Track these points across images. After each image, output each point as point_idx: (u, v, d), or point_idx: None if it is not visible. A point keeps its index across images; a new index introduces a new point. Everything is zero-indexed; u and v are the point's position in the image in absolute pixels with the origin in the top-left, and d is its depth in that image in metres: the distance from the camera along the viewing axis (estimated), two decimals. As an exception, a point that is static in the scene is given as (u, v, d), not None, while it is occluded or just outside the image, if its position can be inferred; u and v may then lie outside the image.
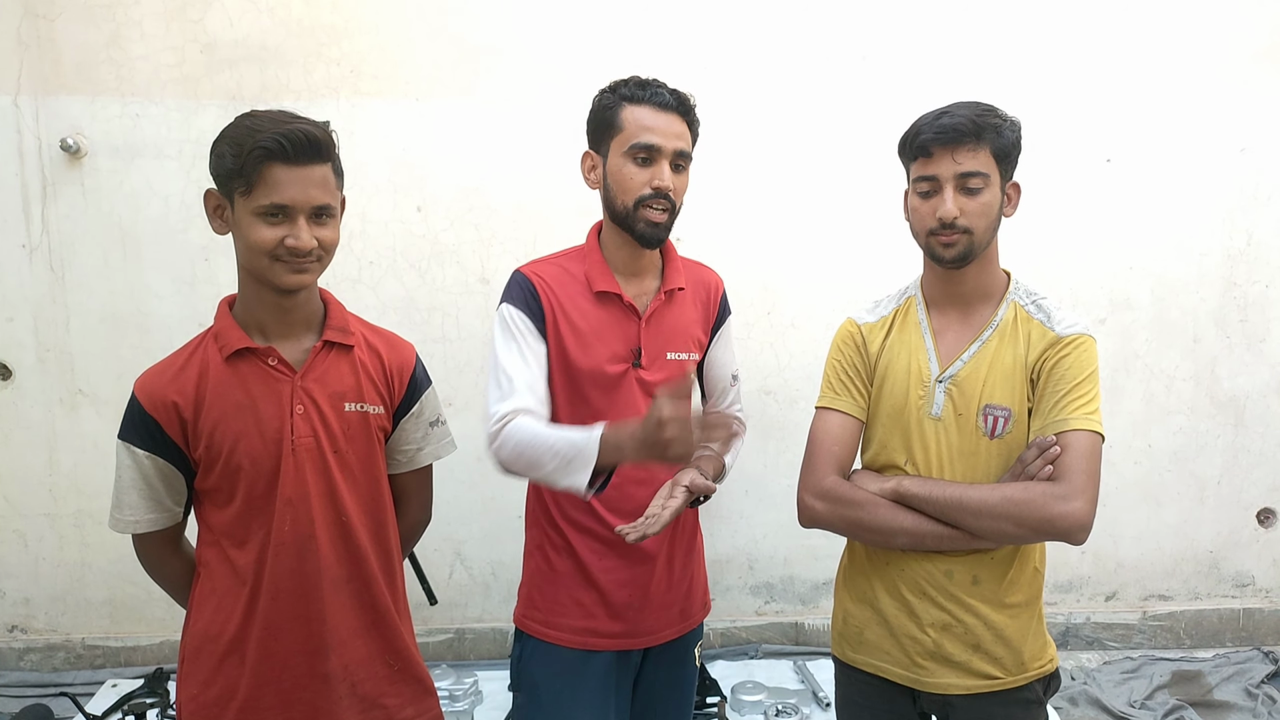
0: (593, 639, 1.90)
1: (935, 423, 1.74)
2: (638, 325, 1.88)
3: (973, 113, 1.66)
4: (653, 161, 1.80)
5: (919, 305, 1.83)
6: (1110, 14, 3.28)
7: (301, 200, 1.49)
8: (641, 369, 1.87)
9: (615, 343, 1.87)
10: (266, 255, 1.50)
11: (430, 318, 3.30)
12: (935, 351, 1.77)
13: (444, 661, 3.27)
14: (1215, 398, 3.52)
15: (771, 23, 3.22)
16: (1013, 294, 1.77)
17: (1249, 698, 3.20)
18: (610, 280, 1.88)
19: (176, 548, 1.69)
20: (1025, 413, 1.70)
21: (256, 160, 1.46)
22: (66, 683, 3.24)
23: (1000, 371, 1.71)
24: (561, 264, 1.93)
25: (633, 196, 1.80)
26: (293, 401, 1.57)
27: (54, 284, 3.20)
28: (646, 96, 1.80)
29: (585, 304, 1.87)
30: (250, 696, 1.60)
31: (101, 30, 3.08)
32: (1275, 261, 3.45)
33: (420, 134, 3.20)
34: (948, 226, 1.66)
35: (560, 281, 1.88)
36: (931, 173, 1.68)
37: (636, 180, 1.80)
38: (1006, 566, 1.74)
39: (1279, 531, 3.63)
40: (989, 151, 1.66)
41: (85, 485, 3.32)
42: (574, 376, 1.85)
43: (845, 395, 1.86)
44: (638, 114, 1.80)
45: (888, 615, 1.80)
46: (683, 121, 1.83)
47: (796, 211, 3.28)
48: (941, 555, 1.73)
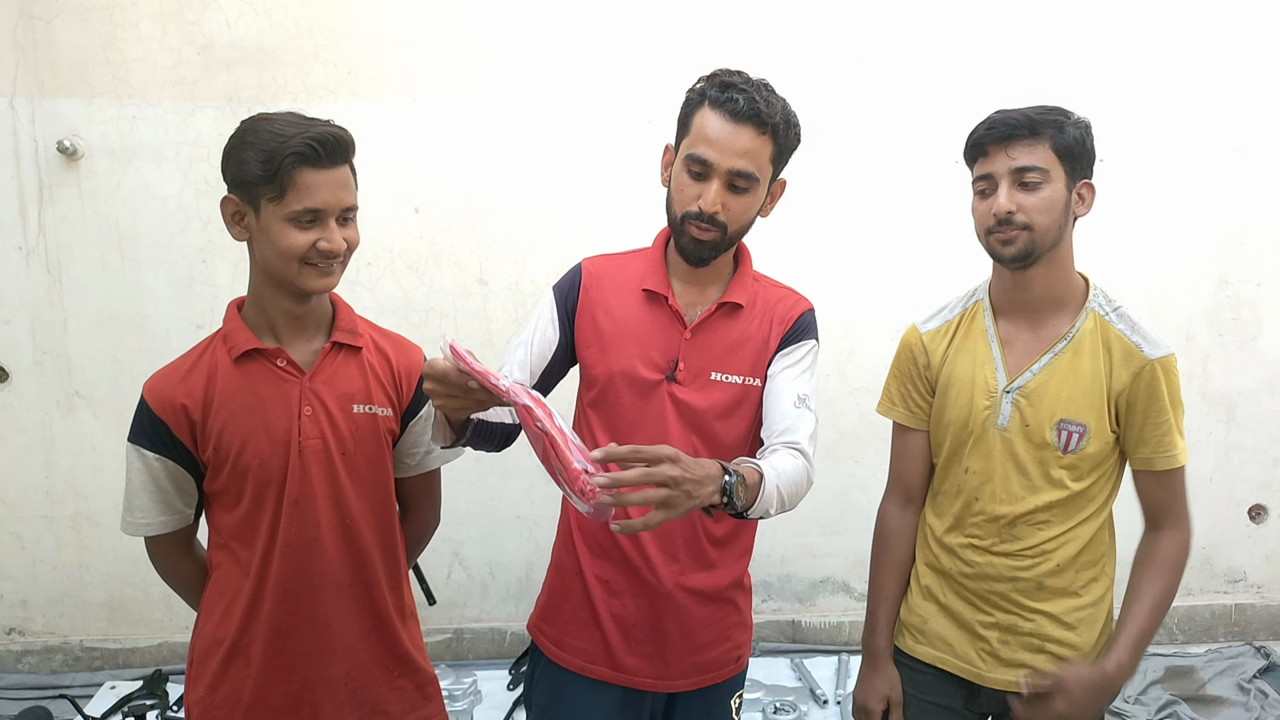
0: (599, 669, 1.78)
1: (1001, 434, 1.72)
2: (681, 335, 1.72)
3: (1031, 109, 1.64)
4: (705, 177, 1.62)
5: (986, 312, 1.79)
6: (1104, 15, 3.30)
7: (333, 203, 1.49)
8: (678, 383, 1.70)
9: (653, 348, 1.71)
10: (297, 260, 1.49)
11: (428, 319, 3.30)
12: (1003, 361, 1.74)
13: (443, 661, 3.27)
14: (1208, 395, 3.55)
15: (767, 24, 3.24)
16: (1092, 302, 1.71)
17: (1241, 692, 3.22)
18: (661, 281, 1.74)
19: (188, 550, 1.69)
20: (1104, 429, 1.67)
21: (289, 166, 1.44)
22: (65, 685, 3.24)
23: (1078, 386, 1.67)
24: (622, 262, 1.81)
25: (680, 209, 1.65)
26: (301, 403, 1.57)
27: (51, 286, 3.20)
28: (722, 100, 1.60)
29: (631, 301, 1.74)
30: (257, 699, 1.60)
31: (98, 32, 3.07)
32: (1267, 260, 3.48)
33: (418, 136, 3.20)
34: (1004, 222, 1.62)
35: (614, 278, 1.77)
36: (987, 170, 1.66)
37: (686, 193, 1.64)
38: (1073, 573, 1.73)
39: (1271, 527, 3.66)
40: (1049, 147, 1.62)
41: (83, 487, 3.31)
42: (598, 380, 1.73)
43: (901, 405, 1.88)
44: (707, 119, 1.61)
45: (953, 609, 1.81)
46: (758, 135, 1.61)
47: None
48: (1010, 564, 1.73)
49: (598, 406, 1.75)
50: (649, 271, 1.75)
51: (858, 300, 3.33)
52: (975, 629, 1.77)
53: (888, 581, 1.90)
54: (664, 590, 1.74)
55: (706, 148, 1.60)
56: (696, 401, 1.71)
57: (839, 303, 3.21)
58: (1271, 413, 3.57)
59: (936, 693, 1.84)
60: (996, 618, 1.75)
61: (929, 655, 1.84)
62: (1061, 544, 1.71)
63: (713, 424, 1.72)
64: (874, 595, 1.91)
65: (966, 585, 1.78)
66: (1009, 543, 1.72)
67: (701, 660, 1.80)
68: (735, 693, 1.89)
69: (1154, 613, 1.69)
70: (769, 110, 1.60)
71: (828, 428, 2.78)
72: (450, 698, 2.91)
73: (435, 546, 3.38)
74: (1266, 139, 3.40)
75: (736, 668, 1.87)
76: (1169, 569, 1.71)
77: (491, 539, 3.45)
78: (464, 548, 3.46)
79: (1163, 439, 1.68)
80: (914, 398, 1.86)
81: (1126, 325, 1.68)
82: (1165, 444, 1.68)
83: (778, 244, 3.37)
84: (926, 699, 1.85)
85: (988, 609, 1.76)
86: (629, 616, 1.76)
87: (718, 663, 1.83)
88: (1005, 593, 1.74)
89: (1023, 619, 1.73)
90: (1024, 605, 1.73)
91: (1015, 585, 1.73)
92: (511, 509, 3.43)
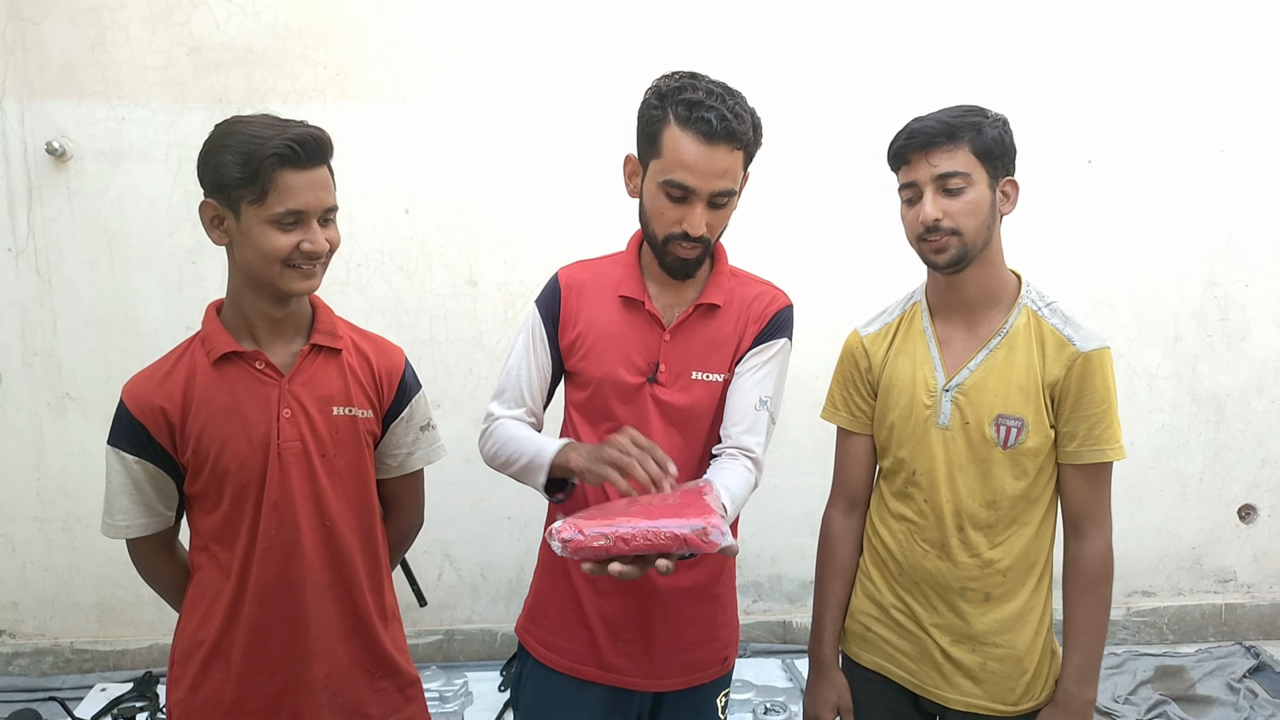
0: (586, 669, 1.79)
1: (943, 432, 1.73)
2: (660, 337, 1.74)
3: (947, 114, 1.65)
4: (686, 201, 1.61)
5: (924, 313, 1.81)
6: (1090, 17, 3.31)
7: (315, 204, 1.49)
8: (659, 384, 1.73)
9: (634, 353, 1.73)
10: (279, 262, 1.49)
11: (418, 320, 3.31)
12: (941, 360, 1.75)
13: (433, 663, 3.27)
14: (1197, 396, 3.56)
15: (756, 25, 3.24)
16: (1025, 298, 1.72)
17: (1231, 692, 3.23)
18: (637, 286, 1.75)
19: (170, 552, 1.69)
20: (1041, 423, 1.68)
21: (270, 167, 1.44)
22: (55, 687, 3.24)
23: (1014, 380, 1.68)
24: (599, 269, 1.81)
25: (662, 231, 1.65)
26: (280, 405, 1.57)
27: (40, 288, 3.20)
28: (693, 120, 1.57)
29: (611, 308, 1.76)
30: (237, 701, 1.60)
31: (87, 33, 3.07)
32: (1254, 261, 3.49)
33: (408, 137, 3.20)
34: (933, 230, 1.64)
35: (592, 286, 1.78)
36: (911, 179, 1.67)
37: (667, 217, 1.63)
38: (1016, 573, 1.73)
39: (1260, 527, 3.67)
40: (969, 150, 1.63)
41: (73, 489, 3.31)
42: (585, 385, 1.76)
43: (844, 409, 1.90)
44: (680, 143, 1.58)
45: (897, 612, 1.81)
46: (732, 151, 1.60)
47: (787, 219, 3.30)
48: (955, 570, 1.73)
49: (584, 409, 1.78)
50: (625, 278, 1.76)
51: (851, 302, 3.33)
52: (919, 631, 1.78)
53: (833, 588, 1.91)
54: (652, 588, 1.76)
55: (686, 174, 1.58)
56: (678, 401, 1.73)
57: (828, 304, 3.21)
58: (1260, 413, 3.58)
59: (883, 698, 1.85)
60: (942, 618, 1.76)
61: (873, 663, 1.85)
62: (1005, 542, 1.71)
63: (694, 422, 1.75)
64: (819, 602, 1.92)
65: (911, 586, 1.79)
66: (953, 542, 1.73)
67: (689, 660, 1.81)
68: (722, 691, 1.89)
69: (1096, 636, 1.70)
70: (741, 126, 1.59)
71: (815, 429, 2.78)
72: (441, 699, 2.91)
73: (426, 548, 3.42)
74: (1253, 140, 3.41)
75: (723, 668, 1.88)
76: (1099, 584, 1.70)
77: (482, 540, 3.45)
78: (455, 549, 3.46)
79: (1091, 430, 1.66)
80: (856, 401, 1.88)
81: (1060, 319, 1.70)
82: (1094, 436, 1.67)
83: (777, 245, 3.39)
84: (876, 704, 1.86)
85: (930, 609, 1.77)
86: (616, 615, 1.77)
87: (705, 662, 1.84)
88: (948, 592, 1.74)
89: (963, 620, 1.74)
90: (966, 604, 1.73)
91: (958, 584, 1.73)
92: (502, 510, 3.44)
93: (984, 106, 1.69)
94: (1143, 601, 3.68)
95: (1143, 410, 3.52)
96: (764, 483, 3.41)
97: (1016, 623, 1.73)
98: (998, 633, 1.72)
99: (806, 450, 3.36)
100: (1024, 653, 1.73)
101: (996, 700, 1.74)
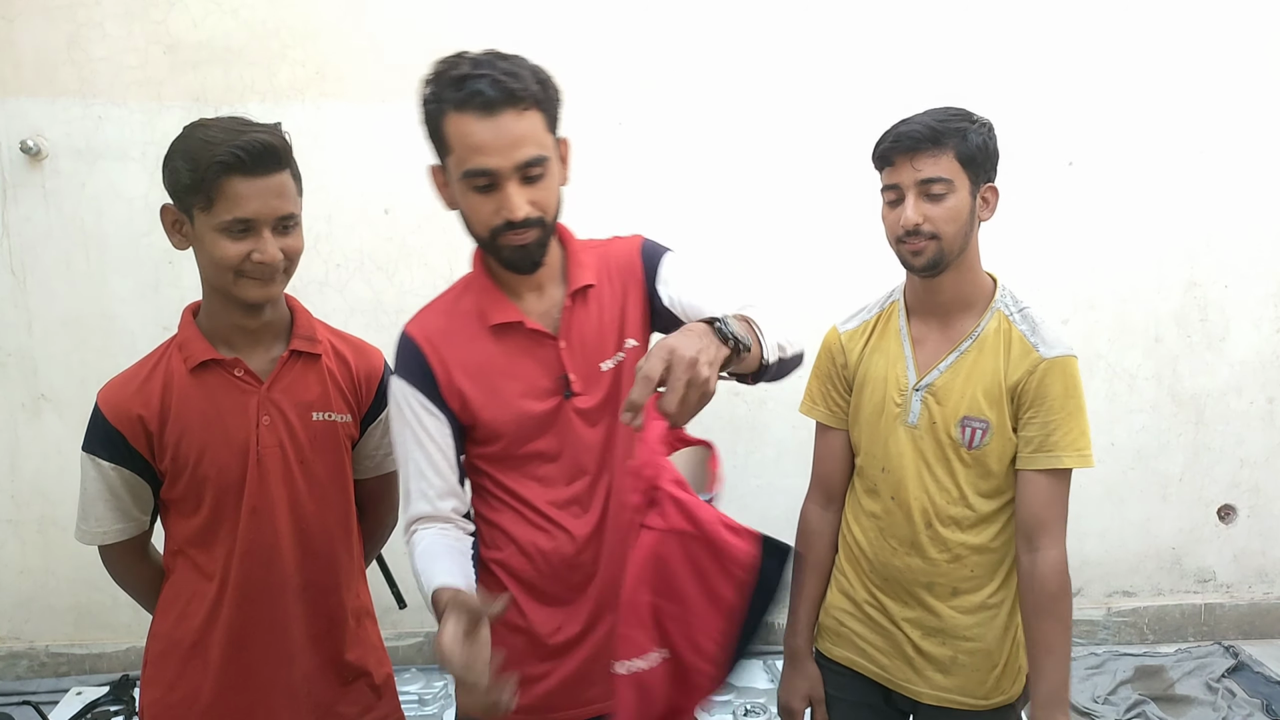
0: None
1: (911, 431, 1.75)
2: (555, 348, 1.56)
3: (933, 118, 1.66)
4: (495, 186, 1.42)
5: (900, 312, 1.83)
6: (1071, 19, 3.32)
7: (265, 212, 1.45)
8: (576, 396, 1.56)
9: (533, 377, 1.55)
10: (231, 271, 1.47)
11: (398, 320, 3.18)
12: (913, 359, 1.77)
13: (414, 666, 3.25)
14: (1177, 396, 3.57)
15: (747, 26, 3.24)
16: (998, 302, 1.74)
17: (1210, 692, 3.25)
18: (505, 308, 1.55)
19: (144, 555, 1.68)
20: (1005, 426, 1.69)
21: (215, 174, 1.41)
22: (30, 691, 3.20)
23: (980, 383, 1.70)
24: (449, 306, 1.61)
25: (485, 228, 1.46)
26: (259, 413, 1.56)
27: (15, 287, 3.16)
28: (465, 98, 1.38)
29: (485, 344, 1.55)
30: (214, 701, 1.59)
31: (61, 31, 3.04)
32: (1234, 262, 3.50)
33: (387, 136, 3.18)
34: (912, 233, 1.66)
35: (449, 330, 1.57)
36: (894, 181, 1.68)
37: (484, 211, 1.44)
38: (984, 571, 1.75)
39: (1240, 528, 3.69)
40: (952, 156, 1.64)
41: (49, 491, 3.28)
42: (494, 438, 1.56)
43: (822, 404, 1.91)
44: (462, 127, 1.40)
45: (870, 607, 1.82)
46: (521, 114, 1.40)
47: (771, 215, 3.29)
48: (924, 565, 1.75)
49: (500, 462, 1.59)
50: (487, 305, 1.56)
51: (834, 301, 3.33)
52: (890, 625, 1.80)
53: (808, 581, 1.92)
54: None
55: (481, 157, 1.40)
56: (598, 399, 1.59)
57: (811, 304, 3.21)
58: (1239, 413, 3.60)
59: (856, 692, 1.87)
60: (913, 612, 1.77)
61: (846, 658, 1.87)
62: (972, 539, 1.73)
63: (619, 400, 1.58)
64: (795, 595, 1.92)
65: (882, 582, 1.80)
66: (922, 539, 1.74)
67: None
68: None
69: (1060, 658, 1.68)
70: (519, 84, 1.40)
71: (799, 429, 2.78)
72: (420, 702, 2.90)
73: (406, 550, 3.38)
74: (1232, 141, 3.42)
75: None
76: (1056, 600, 1.68)
77: (463, 542, 3.43)
78: (435, 551, 3.43)
79: (1049, 436, 1.66)
80: (833, 397, 1.89)
81: (1028, 326, 1.71)
82: (1050, 443, 1.67)
83: (761, 244, 3.39)
84: (848, 699, 1.89)
85: (901, 603, 1.78)
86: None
87: None
88: (916, 587, 1.76)
89: (933, 614, 1.75)
90: (934, 599, 1.75)
91: (926, 579, 1.75)
92: (483, 512, 3.42)
93: (970, 111, 1.70)
94: (1123, 601, 3.69)
95: (1123, 411, 3.54)
96: (746, 484, 3.46)
97: (985, 616, 1.75)
98: (967, 626, 1.75)
99: (790, 451, 3.35)
100: (994, 646, 1.75)
101: (967, 694, 1.76)
